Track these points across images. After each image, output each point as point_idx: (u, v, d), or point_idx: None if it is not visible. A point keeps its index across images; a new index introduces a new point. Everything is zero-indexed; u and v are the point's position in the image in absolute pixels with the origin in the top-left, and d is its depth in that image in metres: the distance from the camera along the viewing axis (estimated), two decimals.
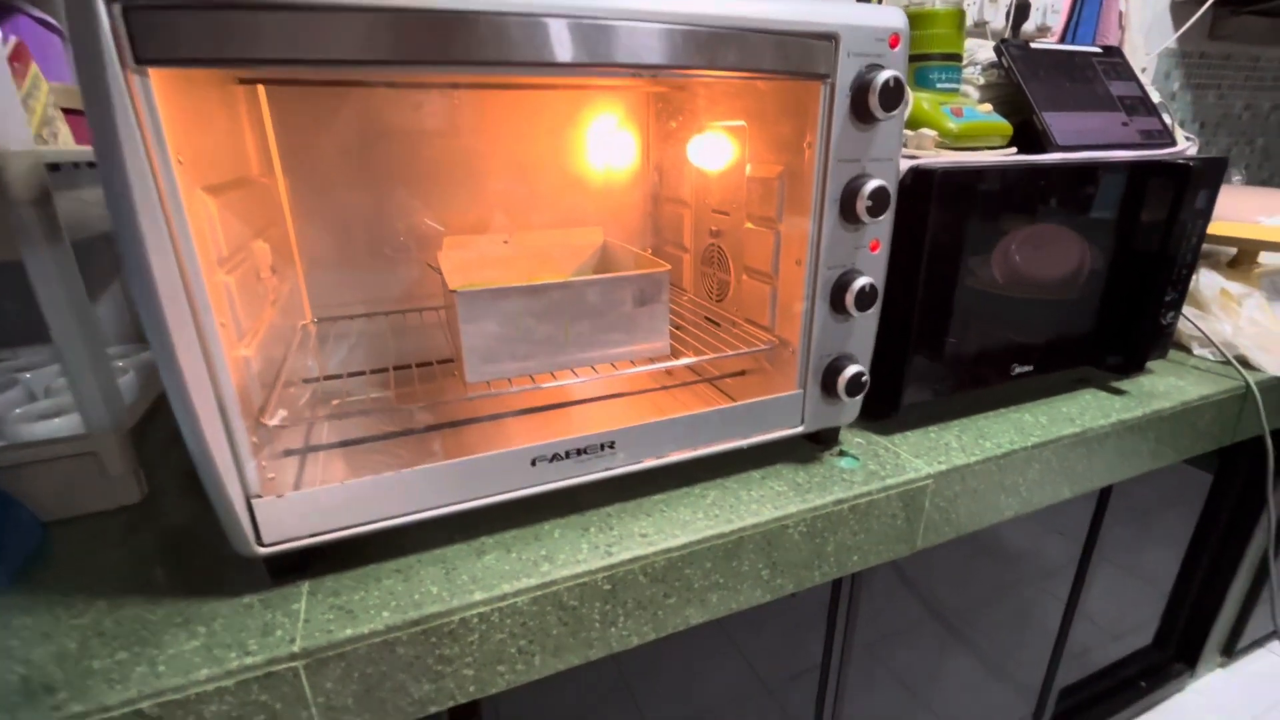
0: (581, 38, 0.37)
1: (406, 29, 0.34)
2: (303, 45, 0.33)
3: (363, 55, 0.34)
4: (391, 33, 0.34)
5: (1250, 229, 0.85)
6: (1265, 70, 1.43)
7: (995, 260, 0.61)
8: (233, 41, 0.32)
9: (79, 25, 0.30)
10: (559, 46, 0.37)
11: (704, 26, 0.40)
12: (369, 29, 0.34)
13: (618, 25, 0.38)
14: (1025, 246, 0.63)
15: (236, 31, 0.32)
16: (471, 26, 0.35)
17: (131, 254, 0.33)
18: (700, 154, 0.65)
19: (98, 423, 0.49)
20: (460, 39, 0.35)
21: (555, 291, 0.48)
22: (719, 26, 0.41)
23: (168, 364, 0.35)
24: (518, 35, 0.36)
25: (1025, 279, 0.64)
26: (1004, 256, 0.62)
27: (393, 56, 0.35)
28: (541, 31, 0.36)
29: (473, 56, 0.36)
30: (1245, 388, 0.76)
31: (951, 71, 0.64)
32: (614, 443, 0.49)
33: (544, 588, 0.44)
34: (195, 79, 0.41)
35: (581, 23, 0.37)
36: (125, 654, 0.38)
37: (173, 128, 0.34)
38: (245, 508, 0.40)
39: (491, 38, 0.36)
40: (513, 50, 0.36)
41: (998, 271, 0.62)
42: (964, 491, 0.60)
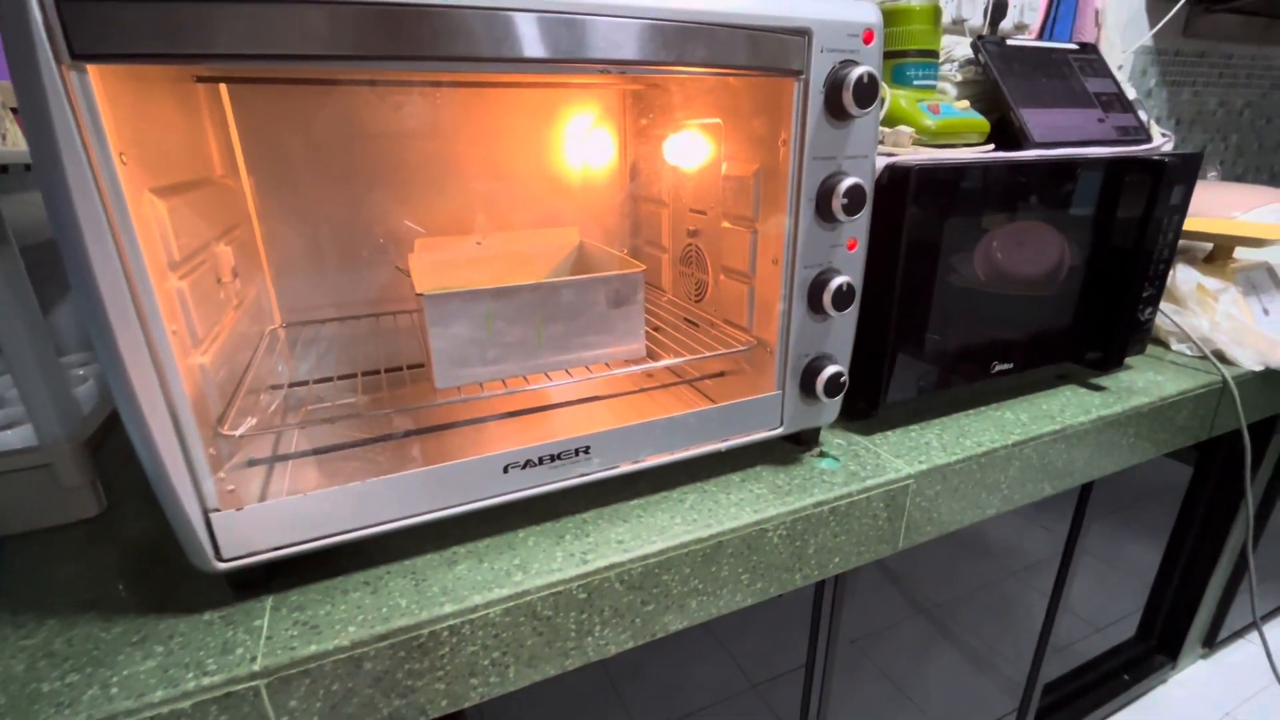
0: (547, 32, 0.36)
1: (363, 22, 0.33)
2: (251, 40, 0.31)
3: (317, 50, 0.33)
4: (346, 26, 0.33)
5: (1225, 224, 0.86)
6: (1238, 67, 1.45)
7: (974, 257, 0.61)
8: (176, 36, 0.30)
9: (9, 17, 0.28)
10: (524, 42, 0.36)
11: (673, 21, 0.39)
12: (322, 22, 0.32)
13: (583, 19, 0.37)
14: (1004, 243, 0.62)
15: (179, 25, 0.30)
16: (430, 20, 0.34)
17: (73, 259, 0.32)
18: (676, 153, 0.64)
19: (51, 434, 0.47)
20: (420, 33, 0.34)
21: (527, 293, 0.47)
22: (688, 21, 0.40)
23: (115, 374, 0.34)
24: (479, 30, 0.35)
25: (1004, 276, 0.64)
26: (983, 253, 0.62)
27: (349, 52, 0.33)
28: (504, 25, 0.35)
29: (433, 52, 0.35)
30: (1222, 382, 0.76)
31: (928, 68, 0.64)
32: (589, 447, 0.48)
33: (517, 598, 0.42)
34: (144, 75, 0.40)
35: (546, 17, 0.36)
36: (76, 676, 0.36)
37: (119, 127, 0.32)
38: (203, 522, 0.38)
39: (452, 32, 0.34)
40: (475, 46, 0.35)
41: (977, 268, 0.62)
42: (945, 491, 0.60)
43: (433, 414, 0.56)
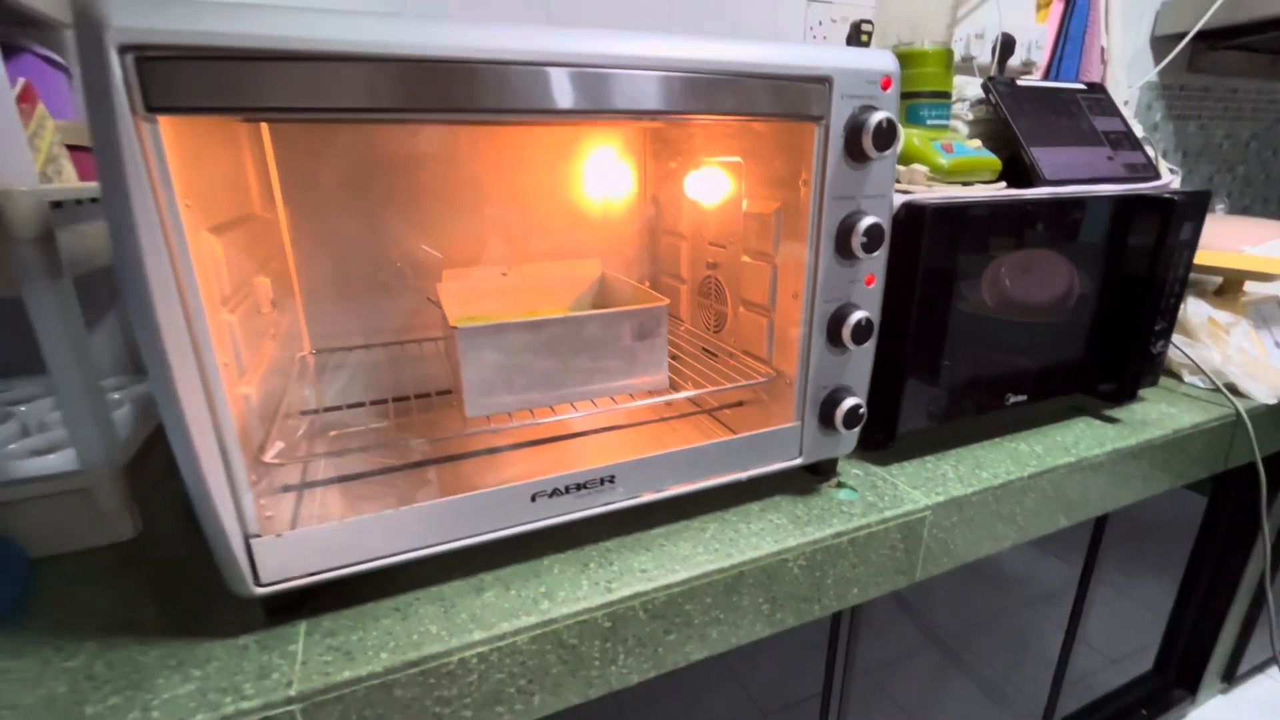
0: (582, 86, 0.38)
1: (411, 78, 0.35)
2: (309, 94, 0.34)
3: (368, 104, 0.35)
4: (396, 82, 0.35)
5: (1235, 258, 0.87)
6: (1243, 101, 1.47)
7: (987, 292, 0.62)
8: (241, 91, 0.32)
9: (91, 73, 0.30)
10: (560, 95, 0.38)
11: (702, 73, 0.41)
12: (374, 78, 0.34)
13: (618, 74, 0.39)
14: (1017, 278, 0.64)
15: (245, 81, 0.32)
16: (474, 76, 0.36)
17: (136, 297, 0.33)
18: (697, 189, 0.66)
19: (92, 460, 0.48)
20: (463, 88, 0.36)
21: (555, 326, 0.49)
22: (717, 73, 0.42)
23: (170, 406, 0.35)
24: (519, 85, 0.37)
25: (1017, 309, 0.65)
26: (996, 288, 0.63)
27: (397, 105, 0.35)
28: (542, 81, 0.37)
29: (474, 105, 0.37)
30: (1235, 415, 0.76)
31: (941, 109, 0.66)
32: (614, 477, 0.49)
33: (544, 626, 0.43)
34: (202, 122, 0.42)
35: (582, 72, 0.38)
36: (117, 699, 0.37)
37: (179, 171, 0.34)
38: (244, 548, 0.39)
39: (494, 87, 0.36)
40: (514, 99, 0.37)
41: (990, 303, 0.63)
42: (962, 522, 0.60)
43: (460, 442, 0.57)
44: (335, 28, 0.33)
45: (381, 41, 0.34)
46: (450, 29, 0.36)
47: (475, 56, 0.36)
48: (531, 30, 0.38)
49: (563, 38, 0.38)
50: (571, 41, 0.38)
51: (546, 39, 0.38)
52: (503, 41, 0.37)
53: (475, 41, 0.36)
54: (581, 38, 0.39)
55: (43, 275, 0.43)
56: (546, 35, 0.38)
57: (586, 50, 0.39)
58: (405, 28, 0.35)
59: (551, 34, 0.38)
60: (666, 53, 0.41)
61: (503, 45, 0.37)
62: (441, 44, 0.35)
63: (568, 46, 0.38)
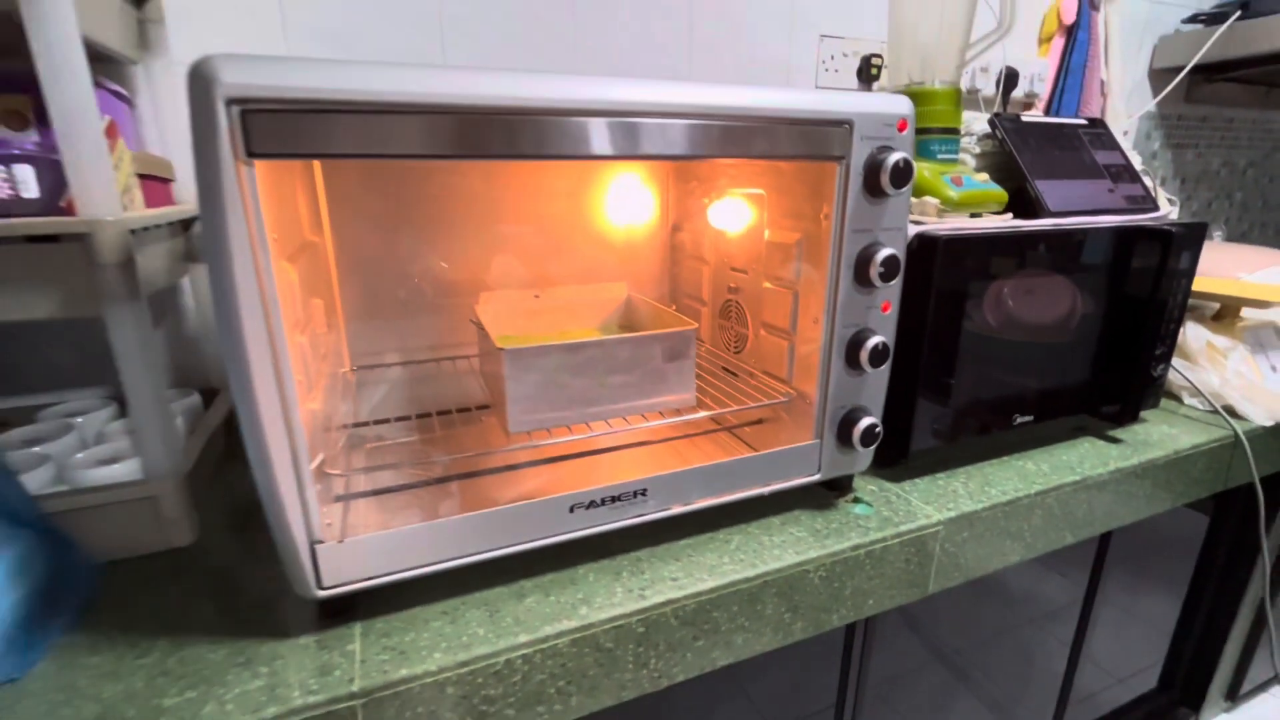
0: (621, 134, 0.42)
1: (472, 128, 0.39)
2: (386, 142, 0.37)
3: (433, 150, 0.39)
4: (459, 130, 0.39)
5: (1231, 285, 0.91)
6: (1239, 130, 1.52)
7: (995, 317, 0.66)
8: (329, 139, 0.36)
9: (201, 122, 0.34)
10: (598, 141, 0.42)
11: (736, 121, 0.45)
12: (441, 127, 0.38)
13: (655, 122, 0.42)
14: (1023, 305, 0.67)
15: (332, 130, 0.36)
16: (527, 125, 0.40)
17: (227, 320, 0.37)
18: (720, 217, 0.70)
19: (158, 469, 0.51)
20: (516, 135, 0.40)
21: (593, 348, 0.52)
22: (748, 119, 0.46)
23: (251, 420, 0.38)
24: (570, 133, 0.41)
25: (1024, 335, 0.68)
26: (1003, 314, 0.66)
27: (458, 151, 0.39)
28: (584, 129, 0.41)
29: (526, 151, 0.41)
30: (1234, 436, 0.79)
31: (950, 144, 0.70)
32: (646, 490, 0.52)
33: (583, 630, 0.46)
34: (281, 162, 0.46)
35: (622, 121, 0.42)
36: (193, 693, 0.40)
37: (266, 207, 0.38)
38: (309, 552, 0.42)
39: (549, 135, 0.40)
40: (558, 146, 0.41)
41: (998, 328, 0.66)
42: (972, 537, 0.63)
43: (499, 455, 0.61)
44: (407, 80, 0.37)
45: (452, 93, 0.38)
46: (507, 81, 0.39)
47: (531, 107, 0.40)
48: (580, 81, 0.42)
49: (607, 87, 0.42)
50: (616, 91, 0.42)
51: (596, 89, 0.42)
52: (557, 91, 0.40)
53: (529, 92, 0.40)
54: (627, 88, 0.43)
55: (123, 297, 0.47)
56: (595, 85, 0.42)
57: (627, 96, 0.42)
58: (472, 79, 0.39)
59: (598, 84, 0.42)
60: (702, 99, 0.45)
61: (558, 95, 0.40)
62: (502, 94, 0.39)
63: (614, 95, 0.42)
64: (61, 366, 0.72)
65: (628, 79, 0.43)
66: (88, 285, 0.46)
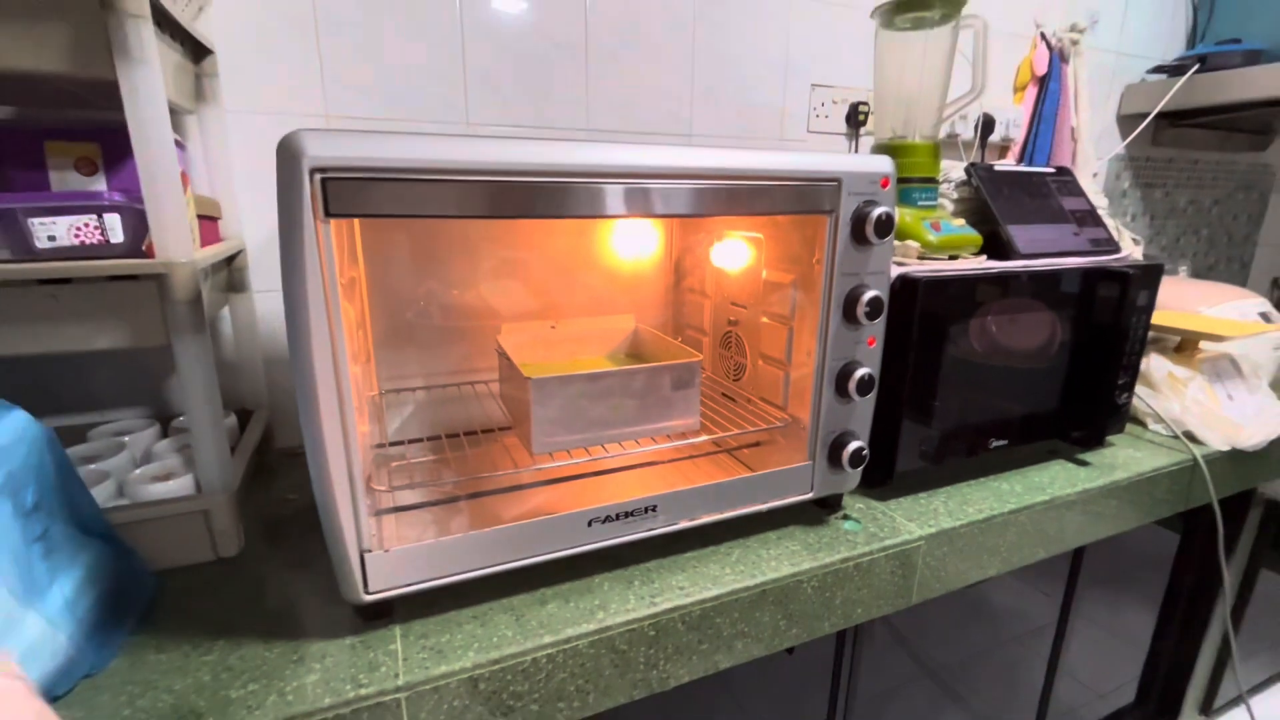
0: (634, 197, 0.48)
1: (510, 194, 0.45)
2: (442, 205, 0.44)
3: (474, 212, 0.45)
4: (498, 196, 0.45)
5: (1190, 319, 0.98)
6: (1204, 171, 1.61)
7: (973, 350, 0.72)
8: (392, 203, 0.42)
9: (288, 187, 0.40)
10: (613, 203, 0.48)
11: (736, 180, 0.52)
12: (481, 193, 0.44)
13: (664, 186, 0.49)
14: (998, 338, 0.74)
15: (399, 195, 0.42)
16: (555, 192, 0.46)
17: (301, 354, 0.42)
18: (721, 257, 0.76)
19: (211, 484, 0.56)
20: (542, 201, 0.46)
21: (609, 378, 0.58)
22: (748, 179, 0.52)
23: (315, 443, 0.44)
24: (586, 196, 0.47)
25: (999, 366, 0.75)
26: (980, 347, 0.73)
27: (495, 213, 0.46)
28: (600, 193, 0.47)
29: (548, 212, 0.47)
30: (1193, 460, 0.86)
31: (929, 192, 0.77)
32: (656, 506, 0.57)
33: (601, 632, 0.51)
34: None
35: (634, 186, 0.48)
36: (255, 685, 0.45)
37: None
38: (359, 560, 0.47)
39: (570, 200, 0.47)
40: (577, 208, 0.47)
41: (976, 359, 0.73)
42: (952, 551, 0.69)
43: (523, 474, 0.66)
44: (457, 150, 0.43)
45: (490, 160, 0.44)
46: (534, 149, 0.46)
47: (556, 169, 0.46)
48: (594, 148, 0.48)
49: (619, 152, 0.48)
50: (627, 156, 0.48)
51: (609, 154, 0.48)
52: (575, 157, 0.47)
53: (554, 159, 0.46)
54: (637, 153, 0.49)
55: (190, 330, 0.52)
56: (608, 151, 0.48)
57: (643, 163, 0.49)
58: (503, 148, 0.45)
59: (611, 150, 0.48)
60: (707, 163, 0.51)
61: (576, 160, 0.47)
62: (529, 161, 0.45)
63: (626, 160, 0.48)
64: (102, 389, 0.77)
65: (638, 145, 0.49)
66: (161, 319, 0.51)
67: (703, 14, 0.97)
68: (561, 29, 0.90)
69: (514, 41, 0.87)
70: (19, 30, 0.43)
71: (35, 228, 0.46)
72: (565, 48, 0.91)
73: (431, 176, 0.43)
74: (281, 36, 0.76)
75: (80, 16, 0.44)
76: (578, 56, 0.92)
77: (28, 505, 0.44)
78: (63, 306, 0.49)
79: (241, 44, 0.74)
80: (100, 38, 0.45)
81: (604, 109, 0.95)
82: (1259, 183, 1.74)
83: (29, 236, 0.47)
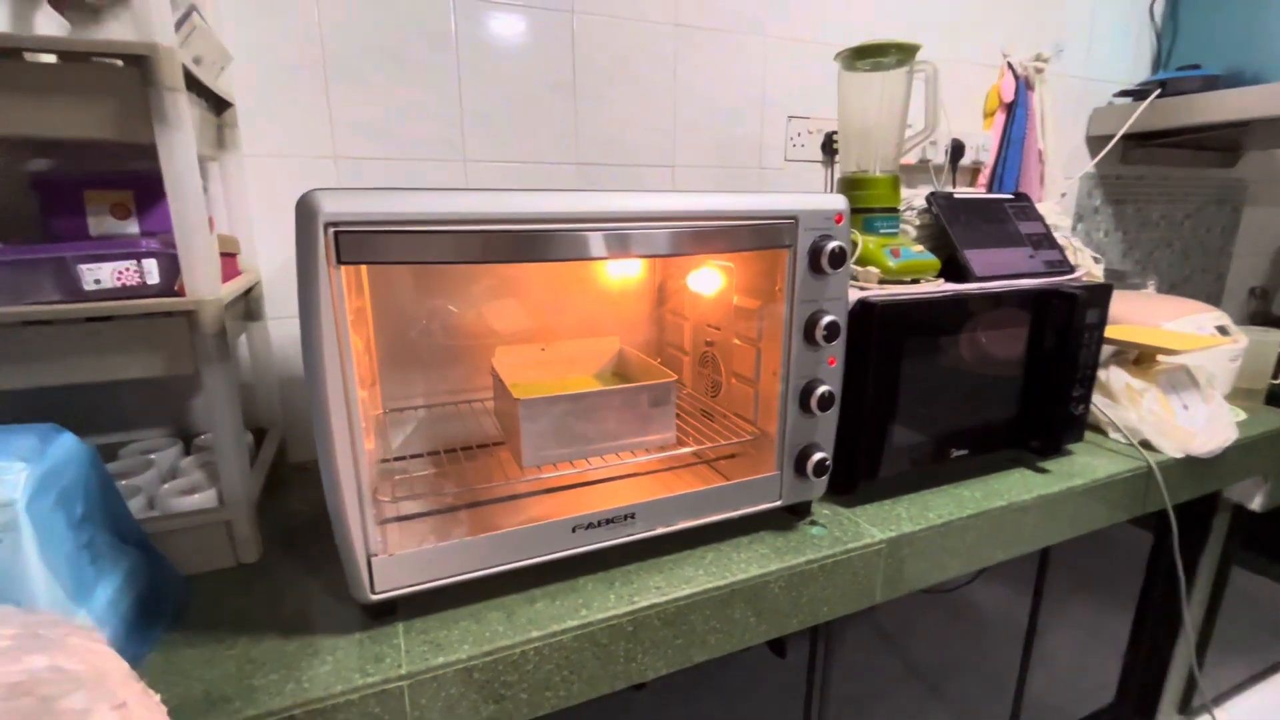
0: (614, 241, 0.55)
1: (501, 241, 0.51)
2: (434, 252, 0.50)
3: (469, 258, 0.51)
4: (490, 244, 0.51)
5: (1147, 333, 1.04)
6: (1175, 186, 1.67)
7: (930, 366, 0.78)
8: (395, 251, 0.49)
9: (305, 240, 0.46)
10: (595, 248, 0.54)
11: (703, 225, 0.58)
12: (475, 242, 0.51)
13: (641, 232, 0.55)
14: (955, 355, 0.80)
15: (401, 245, 0.48)
16: (546, 241, 0.52)
17: (317, 384, 0.49)
18: (697, 283, 0.83)
19: (233, 498, 0.63)
20: (531, 247, 0.52)
21: (593, 398, 0.64)
22: (715, 219, 0.59)
23: (328, 459, 0.50)
24: (573, 242, 0.53)
25: (957, 381, 0.81)
26: (938, 364, 0.79)
27: (487, 258, 0.52)
28: (583, 241, 0.54)
29: (536, 257, 0.53)
30: (1148, 467, 0.91)
31: (890, 221, 0.83)
32: (634, 514, 0.63)
33: (584, 627, 0.57)
34: None
35: (615, 233, 0.54)
36: (276, 675, 0.51)
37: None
38: (366, 564, 0.53)
39: (557, 246, 0.53)
40: (564, 252, 0.54)
41: (933, 374, 0.79)
42: (912, 554, 0.74)
43: (514, 485, 0.72)
44: (450, 201, 0.50)
45: (482, 211, 0.51)
46: (520, 199, 0.52)
47: (543, 217, 0.52)
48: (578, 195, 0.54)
49: (600, 199, 0.55)
50: (607, 201, 0.55)
51: (590, 201, 0.54)
52: (560, 205, 0.53)
53: (540, 208, 0.52)
54: (616, 199, 0.55)
55: (216, 359, 0.59)
56: (590, 198, 0.54)
57: (621, 208, 0.55)
58: (493, 199, 0.51)
59: (592, 198, 0.55)
60: (677, 205, 0.58)
61: (561, 208, 0.53)
62: (517, 210, 0.52)
63: (605, 205, 0.55)
64: (129, 411, 0.84)
65: (614, 192, 0.56)
66: (190, 350, 0.58)
67: (683, 54, 1.04)
68: (552, 71, 0.97)
69: (508, 83, 0.94)
70: (77, 104, 0.50)
71: (83, 273, 0.53)
72: (556, 87, 0.98)
73: (429, 228, 0.49)
74: (294, 86, 0.83)
75: (126, 91, 0.51)
76: (567, 95, 0.99)
77: (77, 517, 0.51)
78: (105, 341, 0.55)
79: (258, 95, 0.81)
80: (142, 107, 0.52)
81: (591, 142, 1.02)
82: (1231, 196, 1.80)
83: (78, 280, 0.53)
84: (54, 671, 0.28)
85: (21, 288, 0.52)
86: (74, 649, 0.31)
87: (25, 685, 0.26)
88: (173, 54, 0.52)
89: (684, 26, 1.03)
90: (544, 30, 0.95)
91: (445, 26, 0.90)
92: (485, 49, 0.92)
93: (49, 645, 0.30)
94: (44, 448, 0.48)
